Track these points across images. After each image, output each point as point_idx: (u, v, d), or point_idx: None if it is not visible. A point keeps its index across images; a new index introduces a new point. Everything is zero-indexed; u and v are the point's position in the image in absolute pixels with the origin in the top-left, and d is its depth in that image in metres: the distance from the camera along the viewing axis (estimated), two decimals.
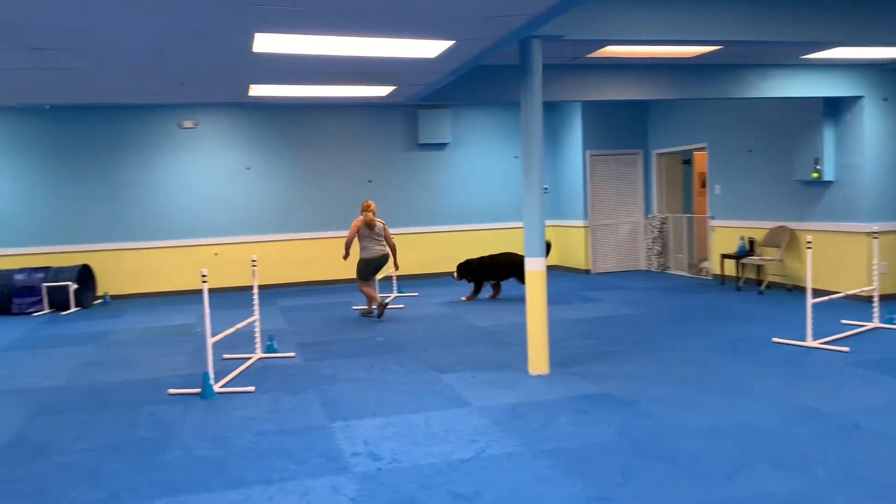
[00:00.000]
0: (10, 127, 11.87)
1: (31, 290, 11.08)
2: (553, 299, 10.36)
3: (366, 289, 9.48)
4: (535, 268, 6.39)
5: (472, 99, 8.28)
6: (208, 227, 12.69)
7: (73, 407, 5.91)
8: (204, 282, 6.11)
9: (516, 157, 14.04)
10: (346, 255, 9.45)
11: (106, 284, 12.13)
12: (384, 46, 4.96)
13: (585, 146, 13.47)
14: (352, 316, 9.73)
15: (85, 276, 11.59)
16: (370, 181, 13.43)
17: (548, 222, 14.39)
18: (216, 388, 6.15)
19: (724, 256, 11.28)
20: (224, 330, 6.98)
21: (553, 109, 14.31)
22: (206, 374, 6.10)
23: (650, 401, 5.47)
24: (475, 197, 13.91)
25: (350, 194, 13.25)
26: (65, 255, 12.00)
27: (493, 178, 13.96)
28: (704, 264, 12.42)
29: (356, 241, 9.57)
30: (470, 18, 4.31)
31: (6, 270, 11.14)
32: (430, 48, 5.04)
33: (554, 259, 14.48)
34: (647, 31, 6.37)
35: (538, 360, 6.42)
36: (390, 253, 9.57)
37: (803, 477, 3.98)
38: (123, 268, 12.26)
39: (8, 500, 4.08)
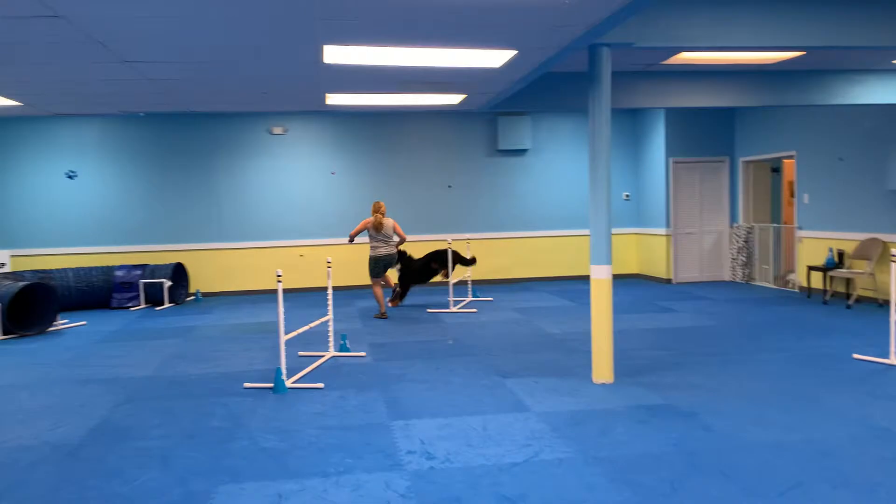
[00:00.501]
0: (113, 133, 12.68)
1: (130, 286, 11.79)
2: (628, 308, 10.27)
3: (377, 289, 10.02)
4: (601, 276, 6.38)
5: (546, 106, 8.32)
6: (295, 230, 13.16)
7: (155, 396, 6.30)
8: (279, 281, 6.40)
9: None
10: (351, 241, 10.07)
11: (198, 282, 12.76)
12: (449, 56, 5.09)
13: (669, 153, 13.23)
14: (424, 318, 9.91)
15: (179, 273, 12.24)
16: (450, 186, 13.62)
17: (629, 230, 14.22)
18: (288, 383, 6.42)
19: (811, 268, 10.86)
20: (303, 328, 7.28)
21: (635, 116, 14.13)
22: (278, 370, 6.38)
23: (713, 414, 5.37)
24: (554, 203, 13.88)
25: (430, 199, 13.50)
26: (161, 253, 12.72)
27: (572, 185, 13.90)
28: (791, 276, 11.98)
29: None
30: (530, 28, 4.39)
31: (107, 267, 11.89)
32: (495, 58, 5.14)
33: (634, 267, 14.28)
34: (723, 37, 6.28)
35: (602, 368, 6.40)
36: (396, 253, 10.09)
37: (861, 498, 3.86)
38: (214, 266, 12.87)
39: (88, 479, 4.42)
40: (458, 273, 12.34)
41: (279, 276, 6.41)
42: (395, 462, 4.56)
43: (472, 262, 11.46)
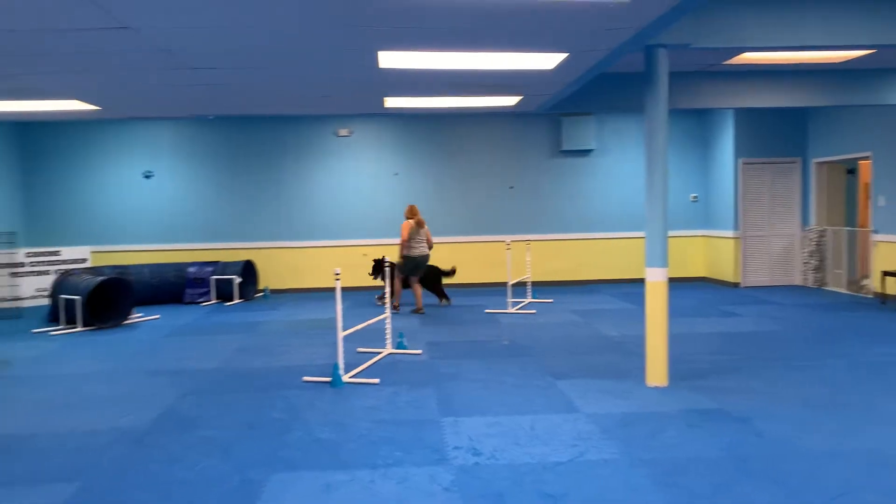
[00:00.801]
0: (188, 135, 13.21)
1: (202, 282, 12.26)
2: (691, 312, 10.12)
3: (398, 285, 10.39)
4: (656, 278, 6.34)
5: (605, 107, 8.31)
6: (358, 229, 13.43)
7: (219, 388, 6.57)
8: (337, 280, 6.60)
9: None
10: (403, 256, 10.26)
11: (266, 279, 13.16)
12: (501, 60, 5.16)
13: (738, 154, 12.94)
14: (481, 319, 9.98)
15: (248, 270, 12.65)
16: (511, 187, 13.66)
17: (696, 232, 13.96)
18: (345, 378, 6.61)
19: (886, 274, 10.46)
20: (360, 325, 7.46)
21: (703, 116, 13.87)
22: (335, 365, 6.57)
23: (767, 419, 5.28)
24: (619, 204, 13.75)
25: (492, 200, 13.57)
26: (231, 251, 13.18)
27: (638, 186, 13.71)
28: (865, 281, 11.56)
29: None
30: (579, 31, 4.42)
31: (180, 264, 12.39)
32: (547, 60, 5.19)
33: (701, 271, 14.02)
34: (786, 36, 6.15)
35: (656, 371, 6.35)
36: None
37: None
38: (282, 264, 13.26)
39: (152, 464, 4.67)
40: (517, 274, 12.37)
41: (337, 274, 6.60)
42: (441, 457, 4.66)
43: (451, 272, 11.57)
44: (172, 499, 4.10)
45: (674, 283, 13.37)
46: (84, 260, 12.57)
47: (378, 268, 11.52)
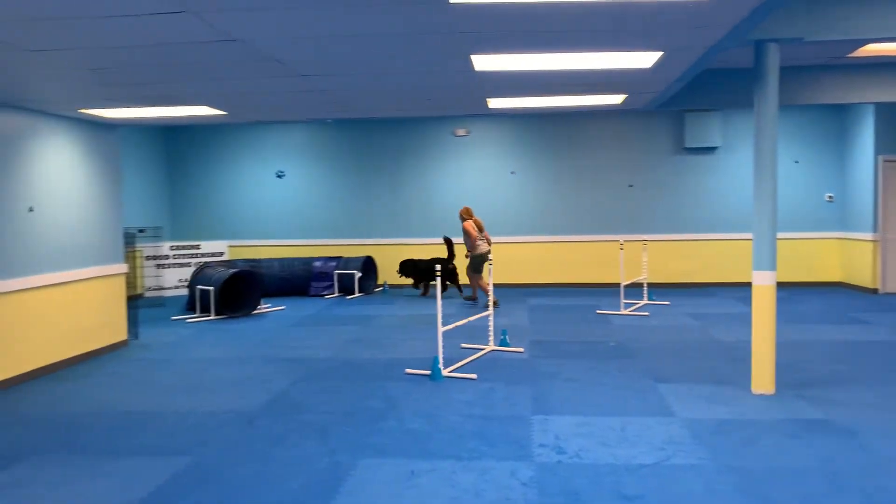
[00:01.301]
0: (317, 137, 13.89)
1: (326, 276, 12.88)
2: (817, 318, 9.60)
3: (482, 282, 10.83)
4: (763, 282, 6.11)
5: (721, 103, 8.04)
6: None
7: (328, 376, 6.95)
8: (437, 276, 6.81)
9: (797, 162, 13.07)
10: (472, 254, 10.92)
11: (386, 274, 13.63)
12: (596, 59, 5.16)
13: (878, 150, 12.07)
14: (591, 319, 9.91)
15: (369, 266, 13.16)
16: (631, 186, 13.41)
17: (831, 234, 13.17)
18: (445, 372, 6.80)
19: None
20: (461, 321, 7.65)
21: (839, 111, 13.04)
22: (435, 359, 6.79)
23: (875, 434, 4.99)
24: (745, 204, 13.17)
25: (610, 199, 13.39)
26: (354, 247, 13.75)
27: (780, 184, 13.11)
28: None
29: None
30: (667, 31, 4.37)
31: (307, 258, 13.07)
32: (643, 59, 5.14)
33: (836, 275, 13.20)
34: None
35: (762, 378, 6.13)
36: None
37: None
38: (401, 260, 13.66)
39: (257, 442, 5.05)
40: (631, 275, 12.15)
41: (438, 271, 6.80)
42: (525, 453, 4.74)
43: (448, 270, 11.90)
44: (266, 475, 4.43)
45: (805, 287, 12.69)
46: (221, 253, 13.51)
47: (407, 270, 12.46)
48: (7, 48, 4.50)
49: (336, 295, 12.75)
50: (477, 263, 10.93)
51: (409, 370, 7.02)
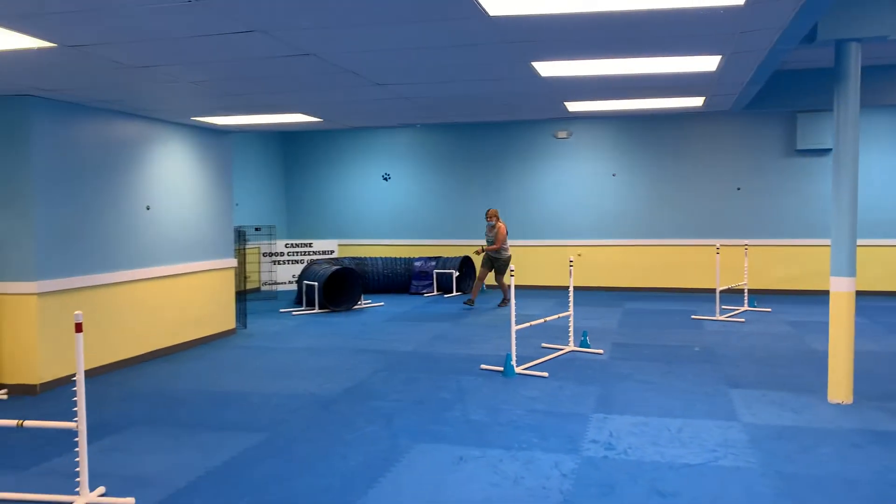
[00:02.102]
0: (421, 141, 14.38)
1: (425, 275, 13.33)
2: None
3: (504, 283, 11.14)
4: (842, 288, 5.94)
5: (809, 104, 7.80)
6: (574, 230, 13.69)
7: (408, 368, 7.32)
8: (511, 275, 7.03)
9: None
10: (496, 251, 11.14)
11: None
12: (657, 64, 5.24)
13: None
14: (684, 324, 9.78)
15: (467, 265, 13.50)
16: (738, 188, 13.04)
17: None
18: (518, 369, 7.01)
19: None
20: (537, 321, 7.83)
21: None
22: (508, 356, 7.01)
23: None
24: (864, 208, 12.47)
25: (715, 202, 13.07)
26: (453, 247, 14.13)
27: (888, 187, 12.41)
28: None
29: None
30: (715, 34, 4.42)
31: (408, 258, 13.58)
32: (704, 63, 5.16)
33: None
34: None
35: (839, 388, 5.95)
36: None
37: None
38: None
39: (328, 425, 5.47)
40: (729, 280, 11.81)
41: (511, 271, 7.03)
42: (575, 447, 4.90)
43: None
44: (329, 453, 4.83)
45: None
46: (332, 251, 14.26)
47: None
48: (117, 67, 5.13)
49: (434, 293, 13.16)
50: (504, 266, 11.19)
51: (484, 366, 7.28)
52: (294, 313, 11.05)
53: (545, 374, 6.92)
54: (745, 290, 11.14)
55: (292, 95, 6.41)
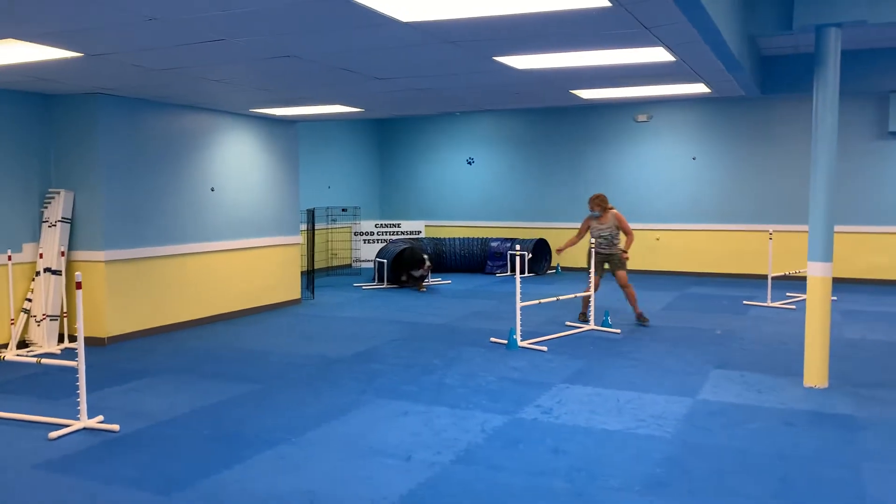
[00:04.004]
0: (502, 125, 14.86)
1: (500, 256, 13.86)
2: None
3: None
4: (817, 273, 5.96)
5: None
6: (653, 213, 13.68)
7: (424, 337, 7.96)
8: (518, 255, 7.48)
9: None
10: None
11: (559, 257, 14.23)
12: (614, 56, 5.54)
13: None
14: (730, 308, 9.73)
15: (541, 247, 13.87)
16: None
17: None
18: (522, 343, 7.47)
19: None
20: (548, 299, 8.21)
21: None
22: (511, 330, 7.48)
23: (880, 431, 4.83)
24: None
25: (798, 187, 12.58)
26: (531, 229, 14.54)
27: None
28: None
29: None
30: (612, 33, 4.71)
31: (486, 238, 14.15)
32: (654, 54, 5.40)
33: None
34: None
35: (814, 372, 5.99)
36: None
37: None
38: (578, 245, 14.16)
39: (317, 380, 6.24)
40: (783, 267, 11.42)
41: (520, 252, 7.47)
42: (515, 410, 5.36)
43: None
44: (300, 402, 5.58)
45: None
46: (419, 232, 15.07)
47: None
48: (140, 70, 6.10)
49: (507, 274, 13.65)
50: (623, 260, 8.71)
51: (493, 339, 7.79)
52: (364, 287, 11.97)
53: (544, 348, 7.34)
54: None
55: (322, 90, 7.18)
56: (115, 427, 4.96)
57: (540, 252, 13.88)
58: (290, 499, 3.87)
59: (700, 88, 7.11)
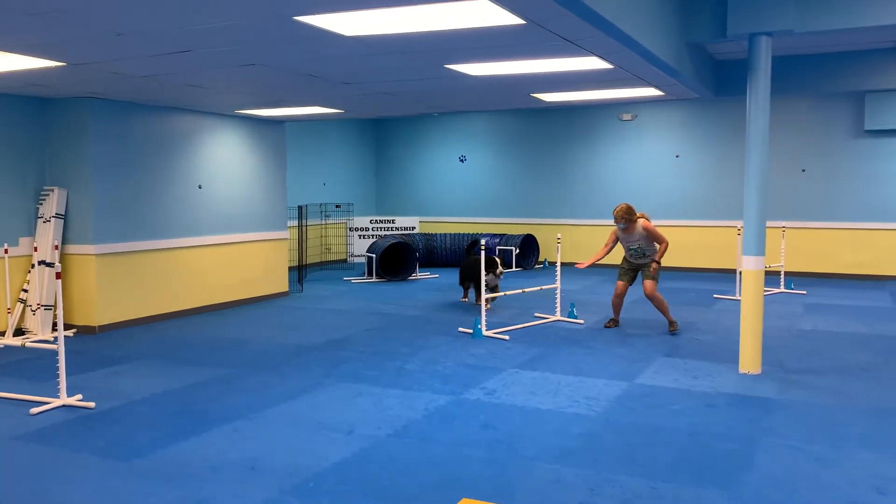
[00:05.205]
0: (494, 124, 15.26)
1: (488, 251, 14.25)
2: None
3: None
4: (751, 266, 6.34)
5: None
6: (637, 209, 13.93)
7: (397, 327, 8.39)
8: (481, 250, 7.90)
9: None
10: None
11: (547, 252, 14.62)
12: (556, 64, 5.94)
13: None
14: (699, 302, 10.09)
15: (528, 243, 14.26)
16: (803, 170, 12.85)
17: None
18: (487, 332, 7.89)
19: None
20: (517, 290, 8.60)
21: None
22: (476, 320, 7.91)
23: (793, 413, 5.22)
24: None
25: (780, 185, 12.89)
26: (520, 225, 14.95)
27: None
28: None
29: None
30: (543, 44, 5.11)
31: (475, 234, 14.56)
32: (590, 63, 5.80)
33: None
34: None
35: (748, 359, 6.37)
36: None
37: None
38: (565, 240, 14.57)
39: (284, 366, 6.70)
40: (789, 264, 11.76)
41: (483, 245, 7.89)
42: (461, 392, 5.79)
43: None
44: (264, 385, 6.04)
45: None
46: (413, 228, 15.51)
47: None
48: (122, 77, 6.59)
49: None
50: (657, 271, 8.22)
51: (461, 329, 8.22)
52: (353, 281, 12.43)
53: (506, 337, 7.76)
54: (782, 272, 11.17)
55: (297, 93, 7.64)
56: (91, 404, 5.45)
57: (528, 247, 14.29)
58: (236, 465, 4.33)
59: (653, 92, 7.49)
